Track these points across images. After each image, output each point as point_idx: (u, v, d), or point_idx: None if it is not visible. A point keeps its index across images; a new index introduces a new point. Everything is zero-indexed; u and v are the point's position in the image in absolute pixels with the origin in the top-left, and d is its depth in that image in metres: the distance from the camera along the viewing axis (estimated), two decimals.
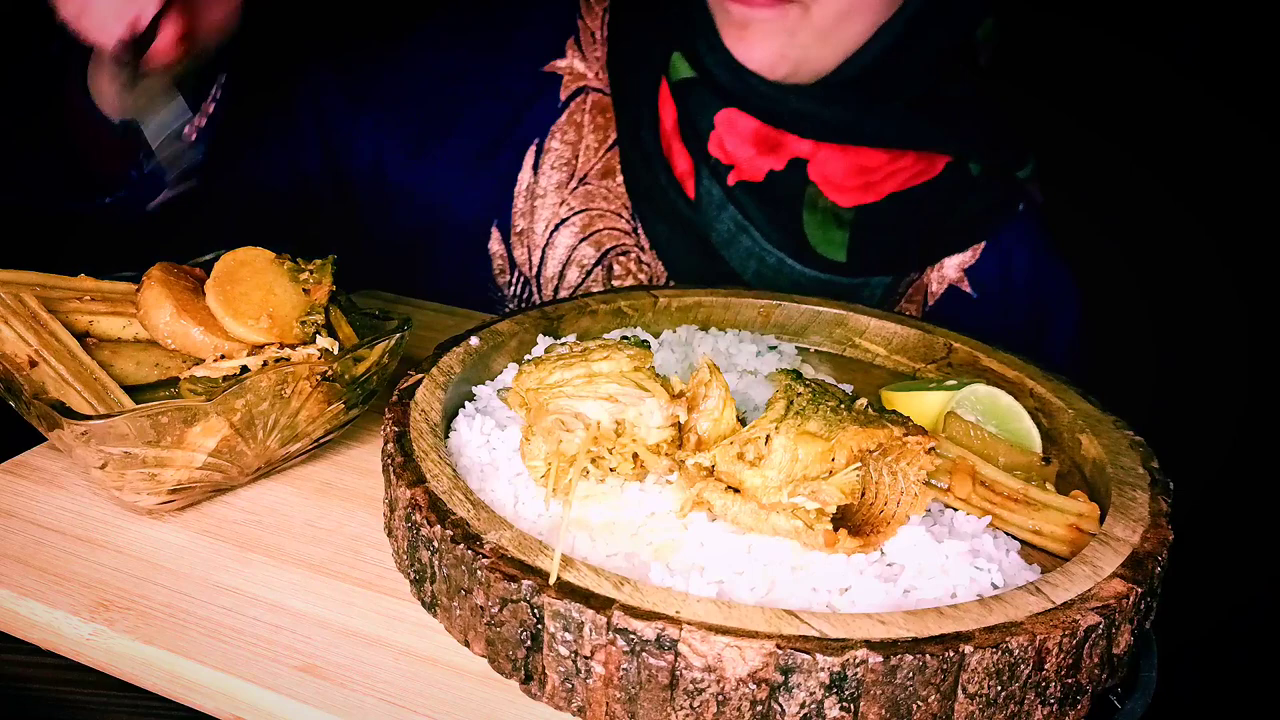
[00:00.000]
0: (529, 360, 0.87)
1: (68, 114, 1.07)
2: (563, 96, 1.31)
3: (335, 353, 0.87)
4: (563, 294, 1.32)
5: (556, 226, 1.30)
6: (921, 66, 1.20)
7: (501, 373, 0.95)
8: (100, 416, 0.76)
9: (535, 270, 1.32)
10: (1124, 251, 1.95)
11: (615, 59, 1.31)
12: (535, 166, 1.30)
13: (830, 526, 0.71)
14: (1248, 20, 1.90)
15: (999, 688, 0.63)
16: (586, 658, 0.64)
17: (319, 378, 0.83)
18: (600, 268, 1.30)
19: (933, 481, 0.81)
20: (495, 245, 1.32)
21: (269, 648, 0.70)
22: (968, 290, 1.30)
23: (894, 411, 0.76)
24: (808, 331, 1.11)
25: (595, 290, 1.28)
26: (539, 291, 1.33)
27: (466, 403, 0.91)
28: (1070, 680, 0.66)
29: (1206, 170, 1.97)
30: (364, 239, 1.38)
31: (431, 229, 1.34)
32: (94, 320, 0.88)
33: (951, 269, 1.30)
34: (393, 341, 0.89)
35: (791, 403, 0.75)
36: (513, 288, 1.35)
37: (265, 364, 0.85)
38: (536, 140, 1.31)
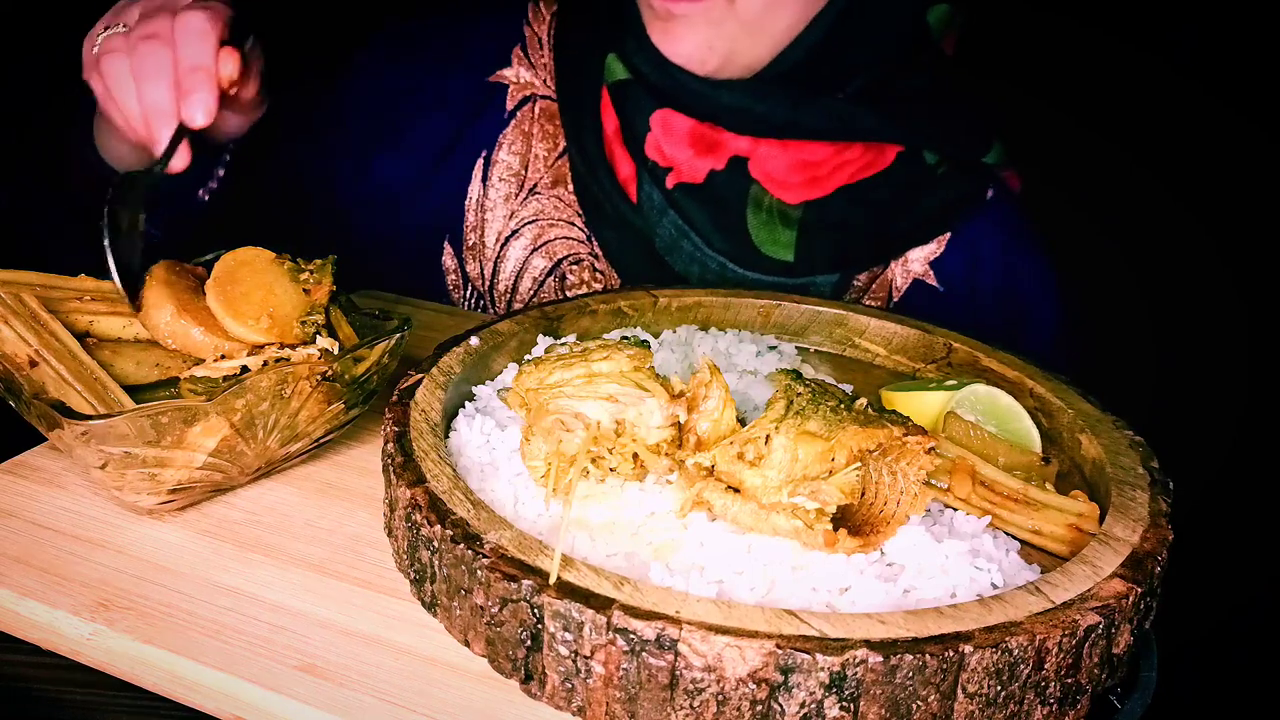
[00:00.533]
0: (529, 360, 0.87)
1: (72, 165, 1.09)
2: (509, 106, 1.29)
3: (335, 353, 0.87)
4: (516, 306, 1.29)
5: (507, 239, 1.28)
6: (863, 57, 1.17)
7: (501, 373, 0.95)
8: (100, 416, 0.76)
9: (488, 284, 1.30)
10: (1124, 251, 1.95)
11: (560, 65, 1.30)
12: (484, 178, 1.29)
13: (830, 526, 0.71)
14: (1243, 17, 1.90)
15: (999, 688, 0.63)
16: (586, 657, 0.64)
17: (319, 378, 0.83)
18: (553, 278, 1.28)
19: (932, 481, 0.81)
20: (448, 260, 1.31)
21: (269, 647, 0.70)
22: (933, 284, 1.26)
23: (894, 411, 0.77)
24: (807, 331, 1.11)
25: (548, 301, 1.28)
26: (493, 305, 1.32)
27: (466, 403, 0.91)
28: (1070, 680, 0.66)
29: (1207, 169, 1.97)
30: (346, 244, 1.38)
31: (383, 245, 1.32)
32: (94, 320, 0.88)
33: (916, 262, 1.27)
34: (393, 341, 0.89)
35: (791, 403, 0.75)
36: (466, 302, 1.33)
37: (265, 364, 0.85)
38: (485, 152, 1.29)
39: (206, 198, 1.13)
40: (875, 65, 1.19)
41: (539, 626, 0.65)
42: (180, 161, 0.93)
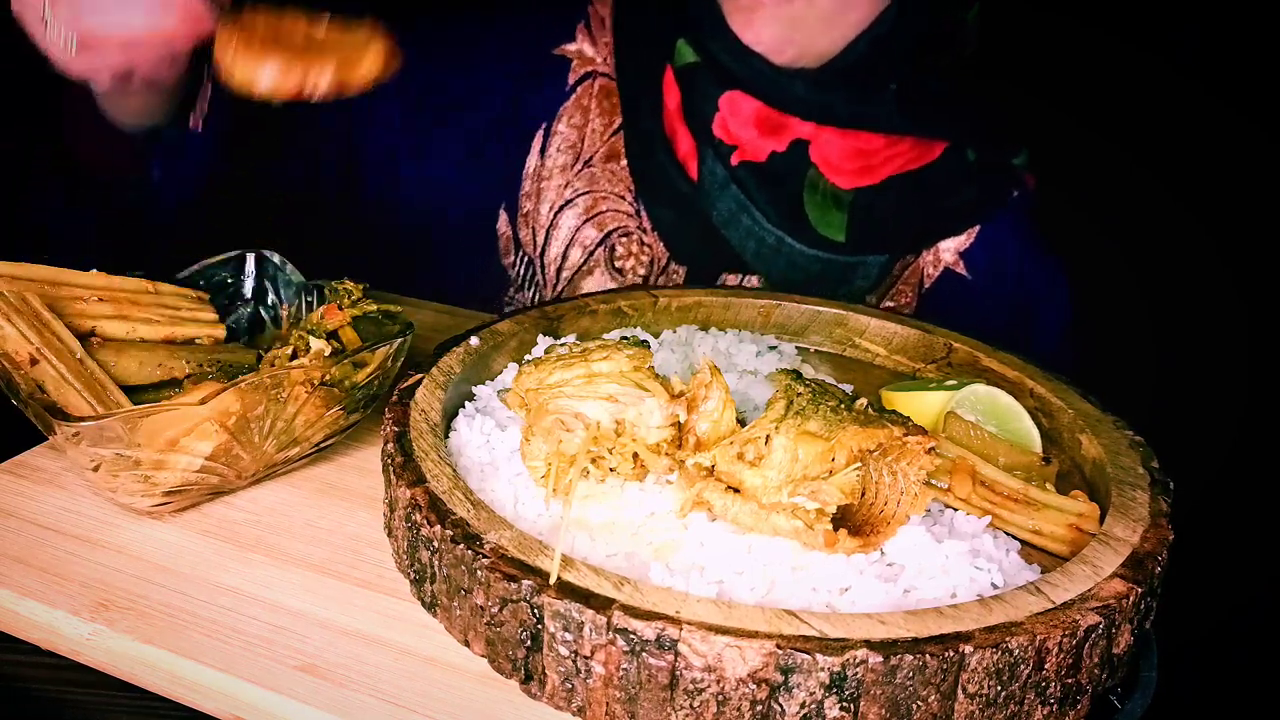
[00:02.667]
0: (529, 361, 0.87)
1: (70, 131, 1.06)
2: (571, 80, 1.34)
3: (329, 355, 0.87)
4: (565, 274, 1.34)
5: (561, 208, 1.32)
6: (915, 52, 1.23)
7: (501, 373, 0.95)
8: (90, 418, 0.76)
9: (539, 250, 1.34)
10: (1124, 251, 1.94)
11: (621, 44, 1.34)
12: (542, 149, 1.33)
13: (830, 526, 0.71)
14: (1247, 19, 1.90)
15: (999, 688, 0.63)
16: (586, 658, 0.64)
17: (314, 383, 0.83)
18: (603, 248, 1.32)
19: (933, 481, 0.81)
20: (502, 226, 1.35)
21: (269, 648, 0.70)
22: (962, 272, 1.32)
23: (894, 411, 0.77)
24: (808, 331, 1.11)
25: (598, 271, 1.31)
26: (542, 271, 1.35)
27: (466, 403, 0.90)
28: (1070, 680, 0.66)
29: (1207, 169, 1.97)
30: (372, 225, 1.40)
31: (442, 210, 1.36)
32: (98, 319, 0.88)
33: (947, 252, 1.33)
34: (394, 347, 0.88)
35: (791, 403, 0.75)
36: (516, 268, 1.37)
37: (260, 361, 0.85)
38: (544, 124, 1.33)
39: (200, 127, 1.08)
40: (926, 60, 1.25)
41: (539, 627, 0.65)
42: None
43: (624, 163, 1.32)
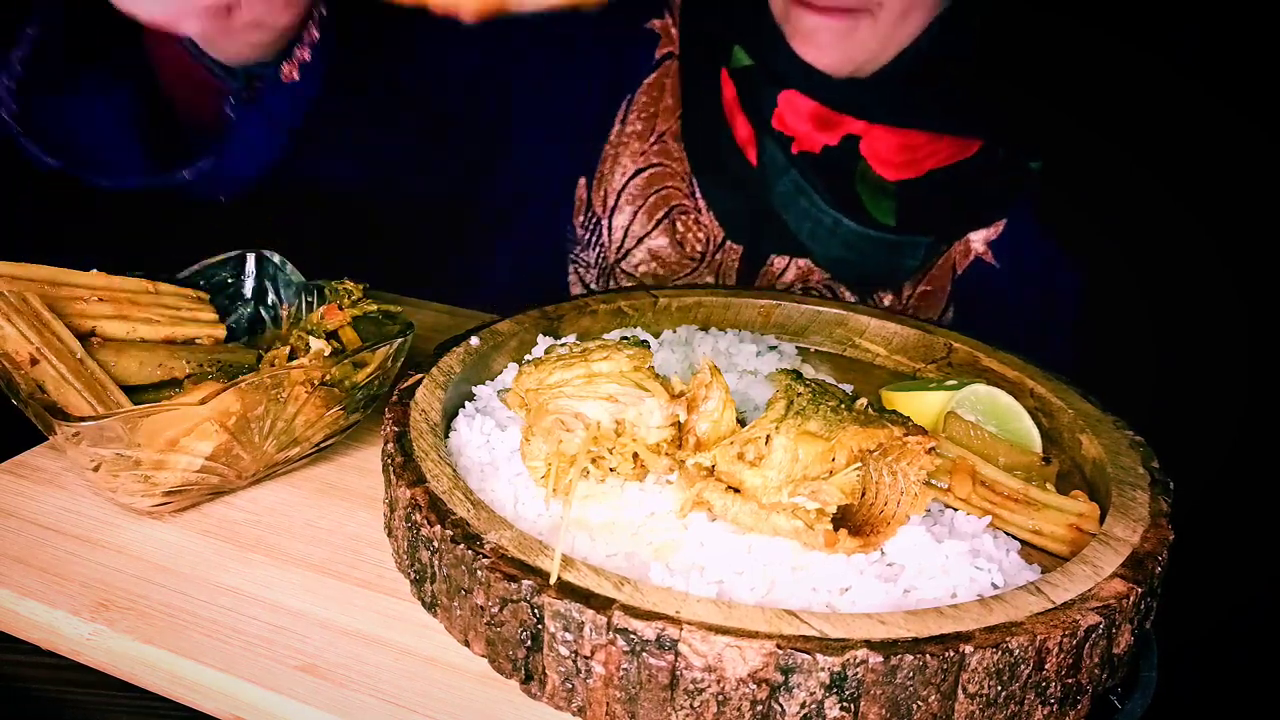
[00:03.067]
0: (529, 361, 0.87)
1: (159, 61, 1.02)
2: (657, 55, 1.40)
3: (329, 355, 0.87)
4: (629, 242, 1.39)
5: (631, 176, 1.39)
6: (959, 54, 1.30)
7: (501, 373, 0.95)
8: (90, 418, 0.76)
9: (609, 211, 1.40)
10: (1123, 250, 1.94)
11: (683, 35, 1.40)
12: (624, 118, 1.40)
13: (830, 526, 0.71)
14: (1245, 17, 1.90)
15: (999, 688, 0.63)
16: (587, 658, 0.64)
17: (314, 383, 0.83)
18: (667, 220, 1.38)
19: (933, 481, 0.81)
20: (581, 190, 1.41)
21: (269, 648, 0.70)
22: (991, 261, 1.39)
23: (894, 411, 0.76)
24: (808, 331, 1.11)
25: (660, 242, 1.38)
26: (609, 233, 1.40)
27: (466, 403, 0.90)
28: (1070, 680, 0.66)
29: (1207, 169, 1.97)
30: (456, 189, 1.44)
31: (529, 167, 1.42)
32: (98, 319, 0.88)
33: (977, 242, 1.39)
34: (394, 347, 0.88)
35: (792, 403, 0.75)
36: (586, 228, 1.42)
37: (260, 361, 0.85)
38: (629, 94, 1.40)
39: (296, 76, 1.02)
40: (966, 66, 1.32)
41: (539, 627, 0.65)
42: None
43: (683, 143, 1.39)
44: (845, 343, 1.11)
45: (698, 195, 1.38)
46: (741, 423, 0.79)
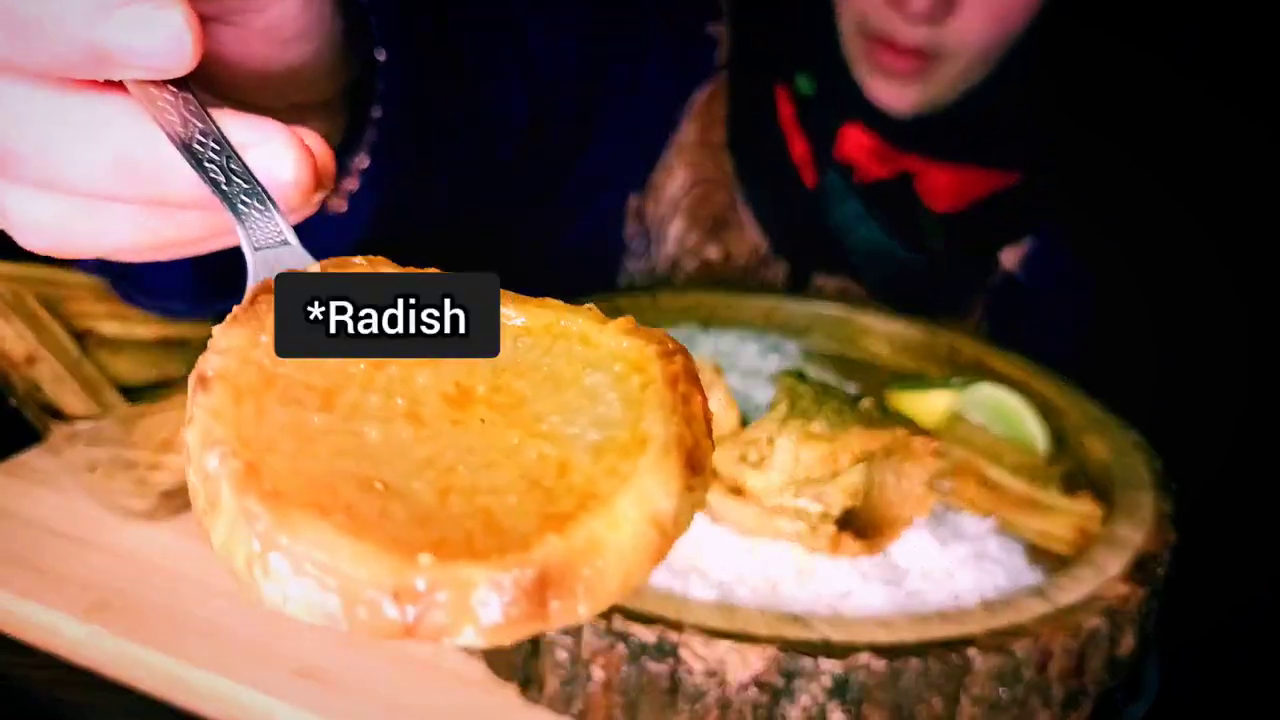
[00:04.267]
0: None
1: None
2: (719, 60, 1.38)
3: None
4: (671, 247, 1.37)
5: (690, 187, 1.37)
6: (1010, 99, 1.33)
7: None
8: (86, 418, 0.75)
9: (660, 220, 1.38)
10: (1124, 251, 1.94)
11: (735, 48, 1.38)
12: (680, 125, 1.38)
13: (834, 529, 0.70)
14: (1246, 17, 1.90)
15: (1003, 691, 0.63)
16: (586, 662, 0.63)
17: None
18: (718, 231, 1.37)
19: (938, 483, 0.81)
20: (632, 201, 1.39)
21: (266, 651, 0.70)
22: (1020, 278, 1.40)
23: (898, 413, 0.76)
24: (810, 331, 1.11)
25: (708, 248, 1.35)
26: (661, 245, 1.39)
27: None
28: (1073, 682, 0.65)
29: (1207, 169, 1.96)
30: (504, 193, 1.42)
31: (584, 187, 1.40)
32: (95, 319, 0.88)
33: (1010, 260, 1.40)
34: None
35: (794, 404, 0.74)
36: (635, 238, 1.40)
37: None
38: (687, 100, 1.38)
39: (344, 208, 0.81)
40: (1020, 103, 1.35)
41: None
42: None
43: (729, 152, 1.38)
44: (848, 343, 1.10)
45: (739, 208, 1.38)
46: (744, 424, 0.79)
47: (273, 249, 0.40)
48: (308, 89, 0.55)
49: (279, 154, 0.42)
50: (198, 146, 0.40)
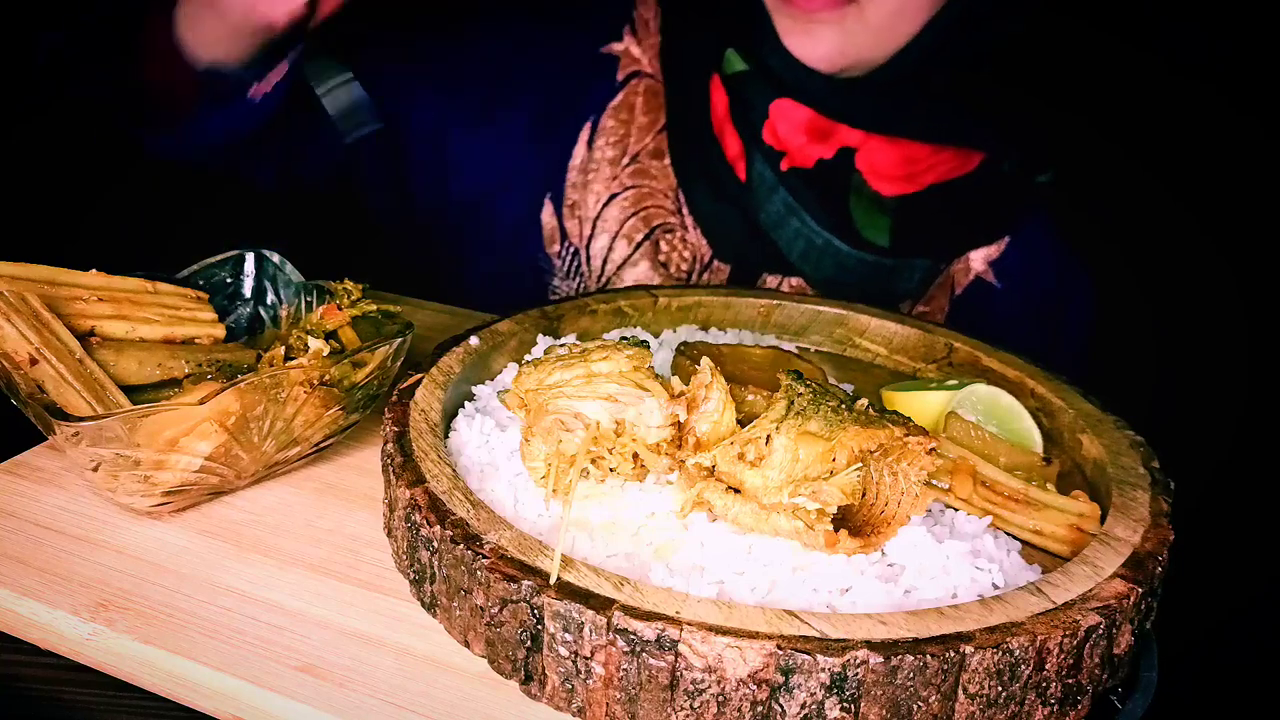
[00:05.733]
0: (528, 361, 0.87)
1: (148, 51, 1.08)
2: (619, 77, 1.37)
3: (328, 355, 0.86)
4: (609, 267, 1.37)
5: (608, 200, 1.35)
6: (960, 63, 1.27)
7: (501, 373, 0.95)
8: (90, 418, 0.75)
9: (586, 240, 1.37)
10: (1124, 251, 1.94)
11: (667, 48, 1.37)
12: (590, 142, 1.36)
13: (831, 527, 0.71)
14: (1247, 19, 1.90)
15: (1000, 688, 0.63)
16: (586, 658, 0.64)
17: (313, 383, 0.83)
18: (649, 242, 1.35)
19: (934, 482, 0.81)
20: (547, 218, 1.38)
21: (269, 648, 0.70)
22: (992, 281, 1.36)
23: (895, 411, 0.76)
24: (808, 331, 1.11)
25: (643, 264, 1.35)
26: (587, 262, 1.38)
27: (466, 403, 0.90)
28: (1071, 680, 0.66)
29: (1206, 169, 1.97)
30: (418, 220, 1.43)
31: (488, 198, 1.39)
32: (98, 319, 0.88)
33: (978, 261, 1.36)
34: (394, 347, 0.88)
35: (792, 403, 0.75)
36: (562, 258, 1.39)
37: (259, 361, 0.85)
38: (592, 117, 1.37)
39: (258, 99, 1.12)
40: (970, 72, 1.29)
41: (539, 627, 0.65)
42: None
43: (668, 161, 1.35)
44: (845, 342, 1.10)
45: (684, 213, 1.35)
46: (742, 423, 0.79)
47: None
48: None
49: None
50: None
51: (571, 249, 1.38)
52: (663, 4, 1.39)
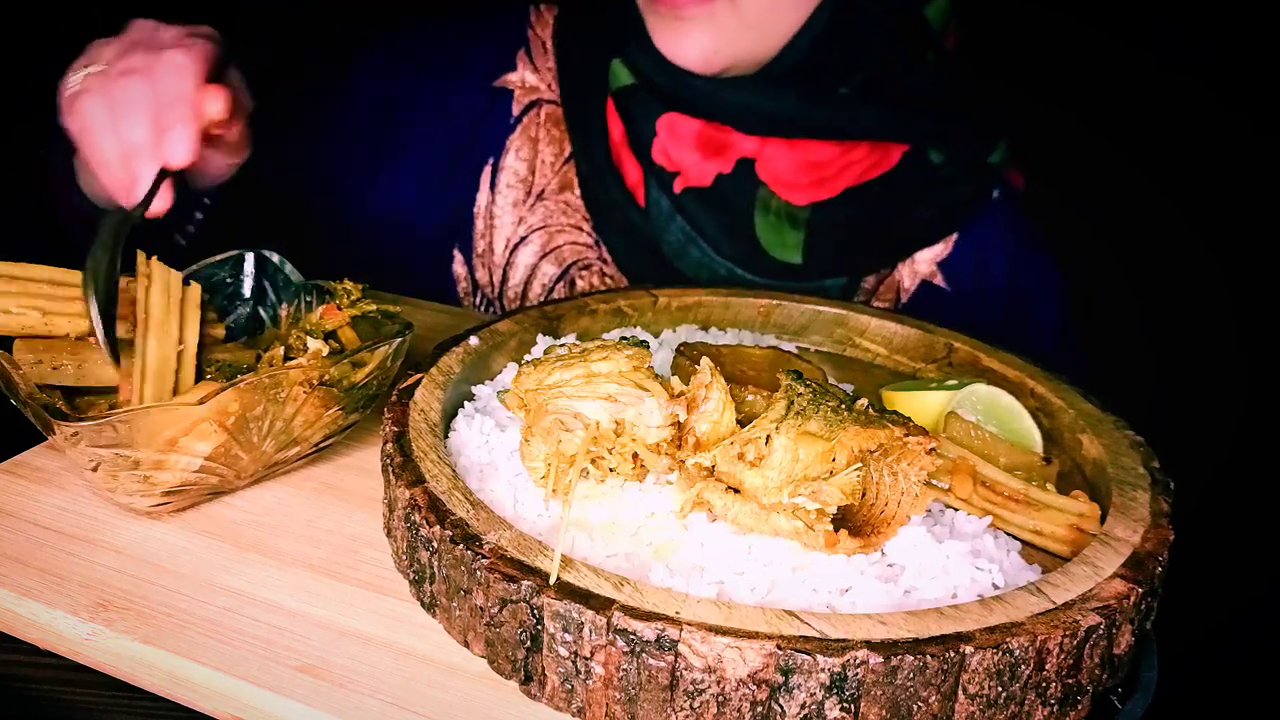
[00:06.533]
0: (528, 361, 0.87)
1: (54, 196, 1.08)
2: (515, 111, 1.29)
3: (327, 355, 0.86)
4: (513, 302, 1.31)
5: (516, 245, 1.28)
6: (863, 51, 1.16)
7: (501, 373, 0.95)
8: (90, 418, 0.75)
9: (497, 290, 1.30)
10: (1124, 250, 1.95)
11: (564, 70, 1.29)
12: (492, 185, 1.28)
13: (831, 527, 0.71)
14: (1241, 17, 1.90)
15: (999, 688, 0.63)
16: (586, 658, 0.64)
17: (313, 383, 0.83)
18: (562, 283, 1.28)
19: (933, 482, 0.81)
20: (459, 268, 1.31)
21: (268, 648, 0.70)
22: (941, 284, 1.26)
23: (894, 411, 0.76)
24: (808, 331, 1.11)
25: (548, 301, 1.28)
26: (503, 309, 1.32)
27: (466, 403, 0.90)
28: (1071, 680, 0.66)
29: (1204, 169, 1.97)
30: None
31: (394, 254, 1.32)
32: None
33: (923, 263, 1.26)
34: (393, 347, 0.88)
35: (792, 403, 0.75)
36: (478, 310, 1.33)
37: (259, 361, 0.85)
38: (491, 159, 1.29)
39: (184, 243, 1.10)
40: (875, 59, 1.17)
41: (539, 627, 0.65)
42: (161, 204, 0.89)
43: (578, 193, 1.27)
44: (845, 342, 1.10)
45: (601, 245, 1.27)
46: (742, 423, 0.79)
47: None
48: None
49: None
50: None
51: (485, 300, 1.31)
52: (558, 21, 1.31)
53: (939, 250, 1.26)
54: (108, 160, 0.89)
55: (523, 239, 1.27)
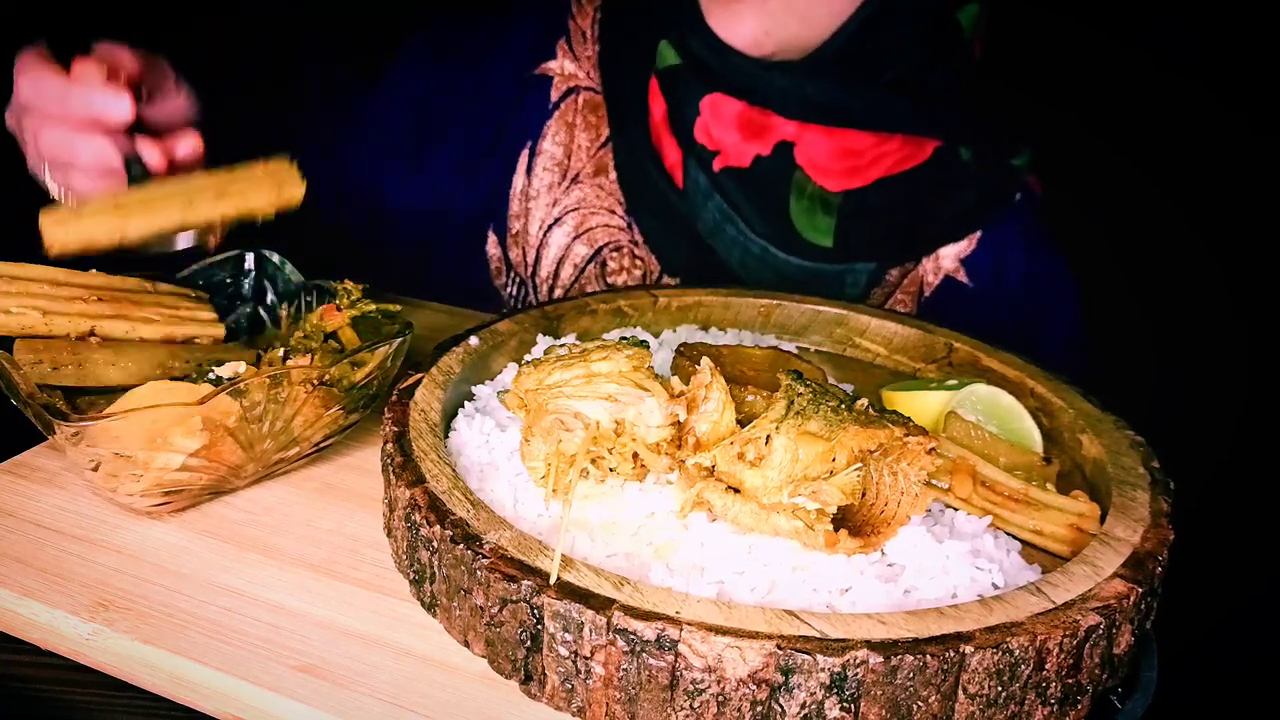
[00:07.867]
0: (528, 361, 0.87)
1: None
2: (554, 98, 1.33)
3: (328, 357, 0.86)
4: (557, 292, 1.34)
5: (550, 226, 1.32)
6: (902, 43, 1.20)
7: (501, 373, 0.95)
8: (90, 418, 0.75)
9: (530, 270, 1.34)
10: (1124, 250, 1.95)
11: (606, 56, 1.33)
12: (529, 169, 1.33)
13: (831, 527, 0.71)
14: (1238, 17, 1.90)
15: (999, 688, 0.63)
16: (586, 658, 0.64)
17: (313, 383, 0.83)
18: (594, 264, 1.31)
19: (933, 482, 0.81)
20: (492, 249, 1.35)
21: (268, 648, 0.70)
22: (964, 280, 1.29)
23: (894, 411, 0.76)
24: (808, 331, 1.11)
25: (590, 288, 1.31)
26: (534, 291, 1.35)
27: (466, 403, 0.90)
28: (1071, 680, 0.66)
29: (1205, 171, 1.97)
30: (360, 249, 1.40)
31: (430, 237, 1.36)
32: (98, 319, 0.88)
33: (948, 259, 1.29)
34: (393, 347, 0.88)
35: (792, 403, 0.75)
36: (509, 288, 1.37)
37: (259, 361, 0.85)
38: (529, 143, 1.33)
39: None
40: (911, 57, 1.21)
41: (539, 627, 0.65)
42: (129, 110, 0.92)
43: (612, 176, 1.31)
44: (845, 342, 1.10)
45: (633, 228, 1.30)
46: (742, 423, 0.79)
47: None
48: None
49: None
50: None
51: (517, 279, 1.35)
52: (601, 10, 1.35)
53: (962, 247, 1.30)
54: (61, 162, 0.93)
55: (556, 220, 1.32)
